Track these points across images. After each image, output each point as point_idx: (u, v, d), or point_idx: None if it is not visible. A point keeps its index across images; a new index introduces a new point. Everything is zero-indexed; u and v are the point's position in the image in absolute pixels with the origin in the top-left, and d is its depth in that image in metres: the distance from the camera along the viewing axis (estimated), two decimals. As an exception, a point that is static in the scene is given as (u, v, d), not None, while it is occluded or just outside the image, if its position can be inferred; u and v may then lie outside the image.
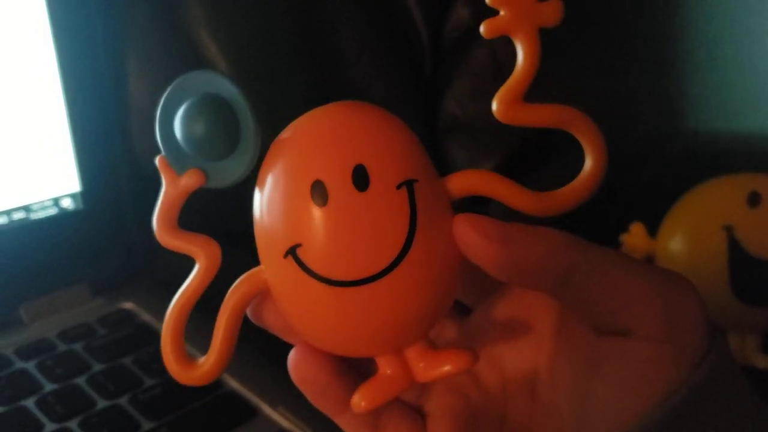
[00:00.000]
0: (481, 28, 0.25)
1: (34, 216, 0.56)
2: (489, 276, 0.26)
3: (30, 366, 0.49)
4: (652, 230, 0.55)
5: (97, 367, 0.50)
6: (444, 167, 0.63)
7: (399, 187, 0.24)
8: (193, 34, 0.60)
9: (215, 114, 0.25)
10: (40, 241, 0.56)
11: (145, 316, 0.56)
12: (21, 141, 0.54)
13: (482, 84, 0.60)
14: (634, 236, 0.54)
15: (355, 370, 0.28)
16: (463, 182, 0.26)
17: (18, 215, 0.55)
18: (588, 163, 0.26)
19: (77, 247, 0.58)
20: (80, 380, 0.48)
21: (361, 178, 0.24)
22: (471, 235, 0.24)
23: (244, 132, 0.25)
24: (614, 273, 0.25)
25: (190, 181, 0.26)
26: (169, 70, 0.61)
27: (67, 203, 0.57)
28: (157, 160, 0.26)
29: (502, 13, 0.25)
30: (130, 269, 0.61)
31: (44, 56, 0.55)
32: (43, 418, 0.45)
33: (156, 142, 0.26)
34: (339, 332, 0.26)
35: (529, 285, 0.26)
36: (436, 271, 0.25)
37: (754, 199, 0.50)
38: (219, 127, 0.25)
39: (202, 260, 0.27)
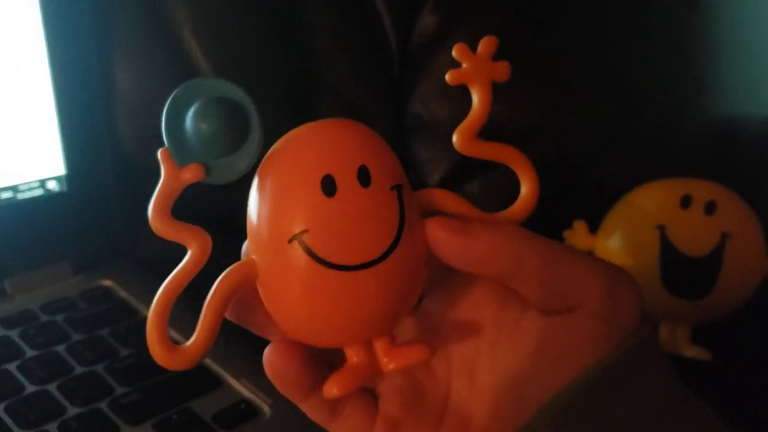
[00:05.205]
0: (447, 77, 0.29)
1: (21, 196, 0.58)
2: (439, 269, 0.29)
3: (13, 334, 0.53)
4: (594, 228, 0.59)
5: (76, 337, 0.53)
6: (409, 163, 0.67)
7: (392, 188, 0.27)
8: (176, 31, 0.63)
9: (228, 114, 0.27)
10: (26, 220, 0.58)
11: (123, 293, 0.59)
12: (10, 125, 0.57)
13: (445, 87, 0.63)
14: (577, 233, 0.58)
15: (321, 364, 0.31)
16: (429, 197, 0.30)
17: (5, 195, 0.57)
18: (524, 191, 0.31)
19: (61, 226, 0.60)
20: (60, 348, 0.52)
21: (364, 176, 0.27)
22: (440, 232, 0.28)
23: (253, 133, 0.27)
24: (563, 259, 0.29)
25: (190, 174, 0.27)
26: (153, 64, 0.64)
27: (53, 185, 0.60)
28: (159, 152, 0.27)
29: (464, 65, 0.29)
30: (111, 249, 0.63)
31: (34, 44, 0.57)
32: (24, 381, 0.48)
33: (161, 134, 0.27)
34: (330, 317, 0.27)
35: (487, 272, 0.29)
36: (416, 262, 0.28)
37: (685, 202, 0.54)
38: (230, 126, 0.27)
39: (195, 249, 0.28)
